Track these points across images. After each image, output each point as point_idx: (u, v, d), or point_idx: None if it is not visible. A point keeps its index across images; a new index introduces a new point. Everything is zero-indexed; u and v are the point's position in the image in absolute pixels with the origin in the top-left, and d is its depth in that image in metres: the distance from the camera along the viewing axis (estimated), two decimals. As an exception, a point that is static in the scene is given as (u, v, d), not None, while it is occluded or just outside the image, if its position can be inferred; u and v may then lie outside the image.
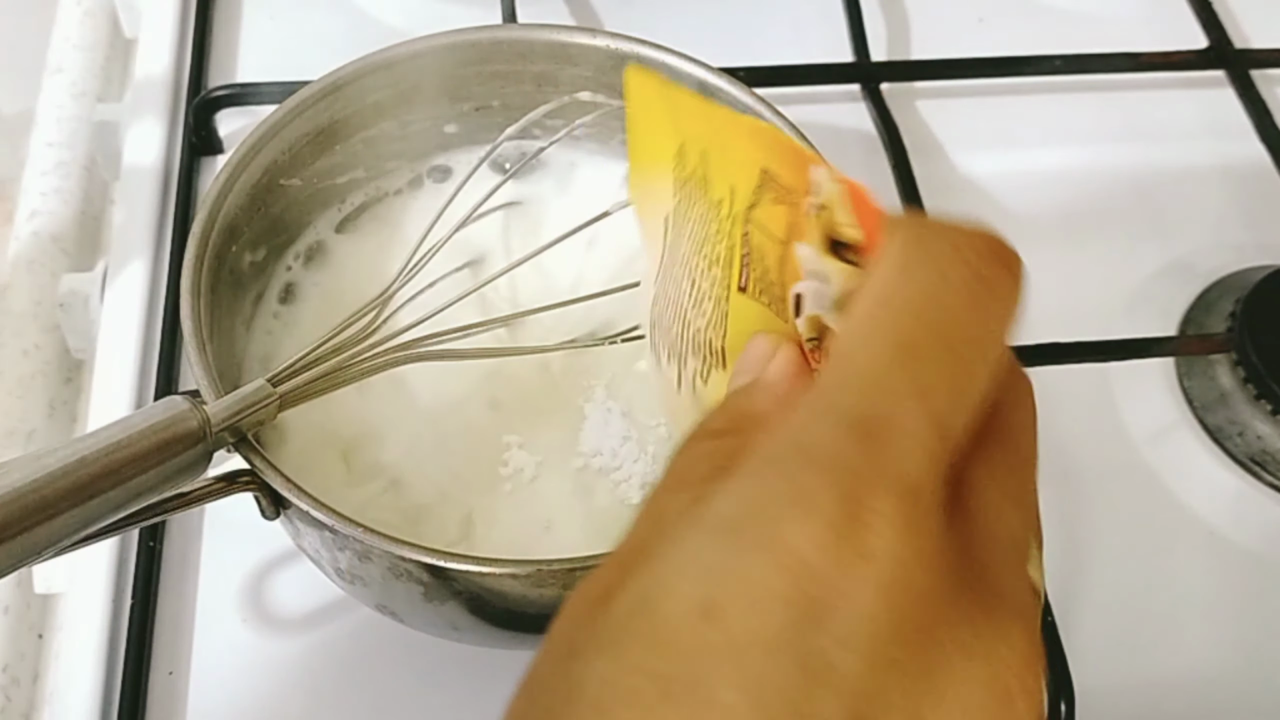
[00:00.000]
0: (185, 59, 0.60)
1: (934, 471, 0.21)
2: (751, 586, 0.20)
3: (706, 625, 0.20)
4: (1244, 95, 0.61)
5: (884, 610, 0.20)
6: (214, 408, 0.35)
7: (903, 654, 0.20)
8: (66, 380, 0.53)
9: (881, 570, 0.20)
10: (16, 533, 0.31)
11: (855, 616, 0.20)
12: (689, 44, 0.46)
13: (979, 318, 0.22)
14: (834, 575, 0.20)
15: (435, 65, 0.46)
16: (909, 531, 0.20)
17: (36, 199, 0.56)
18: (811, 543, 0.20)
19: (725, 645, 0.19)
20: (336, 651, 0.44)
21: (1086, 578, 0.48)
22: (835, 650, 0.19)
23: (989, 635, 0.21)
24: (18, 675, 0.46)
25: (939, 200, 0.56)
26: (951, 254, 0.23)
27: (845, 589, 0.20)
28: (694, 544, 0.21)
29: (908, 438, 0.21)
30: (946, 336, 0.22)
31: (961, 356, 0.22)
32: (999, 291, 0.23)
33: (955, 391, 0.22)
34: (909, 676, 0.20)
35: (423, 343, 0.40)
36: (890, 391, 0.21)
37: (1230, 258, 0.57)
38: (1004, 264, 0.23)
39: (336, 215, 0.48)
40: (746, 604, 0.20)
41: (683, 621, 0.20)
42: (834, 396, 0.22)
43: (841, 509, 0.20)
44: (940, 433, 0.21)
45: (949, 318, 0.22)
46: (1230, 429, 0.51)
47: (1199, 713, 0.46)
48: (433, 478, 0.43)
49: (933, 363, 0.22)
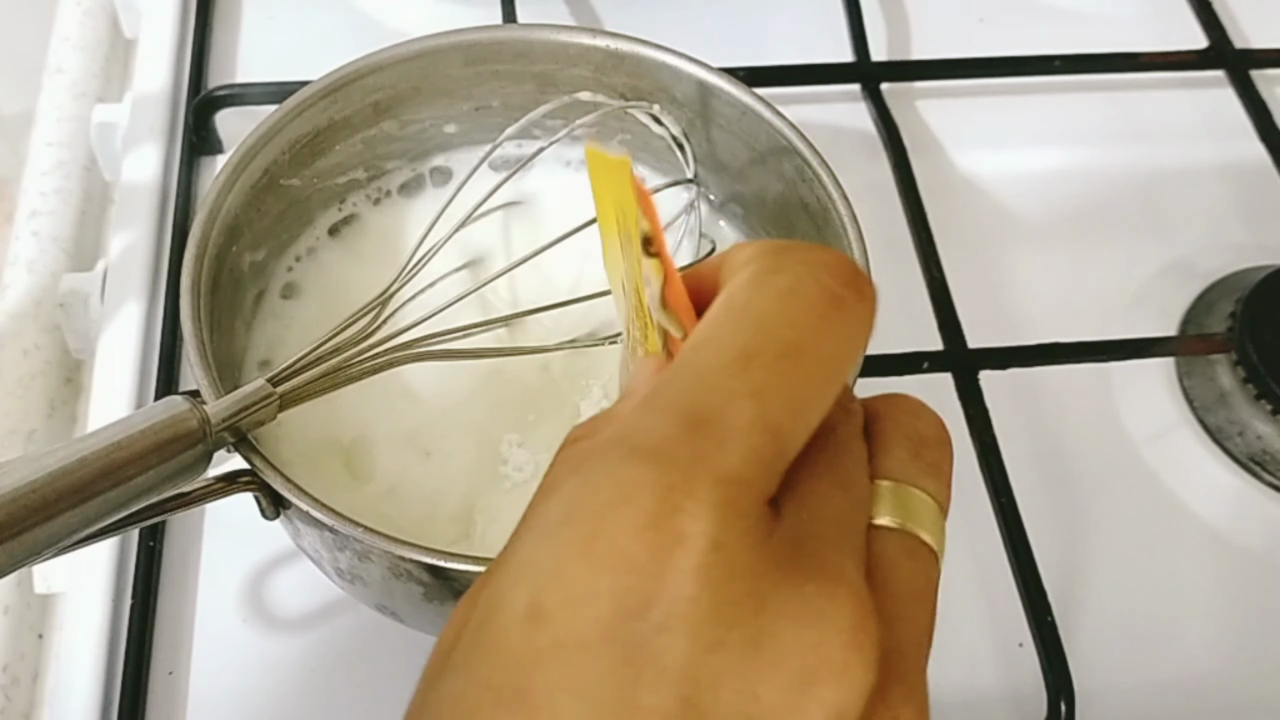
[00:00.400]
0: (185, 59, 0.60)
1: (760, 468, 0.21)
2: (572, 585, 0.20)
3: (534, 629, 0.20)
4: (1244, 95, 0.61)
5: (702, 591, 0.20)
6: (214, 408, 0.35)
7: (726, 633, 0.20)
8: (66, 380, 0.53)
9: (697, 553, 0.20)
10: (16, 533, 0.31)
11: (674, 601, 0.20)
12: (689, 44, 0.46)
13: (828, 333, 0.23)
14: (652, 564, 0.20)
15: (435, 65, 0.46)
16: (725, 515, 0.20)
17: (36, 199, 0.56)
18: (629, 535, 0.20)
19: (551, 647, 0.20)
20: (336, 651, 0.44)
21: (1086, 578, 0.48)
22: (657, 637, 0.20)
23: (817, 603, 0.21)
24: (18, 675, 0.46)
25: (939, 200, 0.56)
26: (805, 271, 0.23)
27: (663, 576, 0.20)
28: (525, 549, 0.21)
29: (734, 433, 0.21)
30: (791, 346, 0.22)
31: (803, 368, 0.22)
32: (850, 314, 0.23)
33: (793, 399, 0.22)
34: (735, 653, 0.20)
35: (423, 343, 0.40)
36: (723, 390, 0.22)
37: (1230, 258, 0.57)
38: (857, 288, 0.23)
39: (336, 215, 0.48)
40: (568, 603, 0.20)
41: (513, 628, 0.20)
42: (667, 393, 0.22)
43: (659, 499, 0.20)
44: (772, 434, 0.21)
45: (794, 329, 0.22)
46: (1230, 429, 0.51)
47: (1199, 713, 0.46)
48: (433, 477, 0.43)
49: (772, 369, 0.22)
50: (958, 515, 0.49)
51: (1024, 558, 0.45)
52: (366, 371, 0.39)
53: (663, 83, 0.46)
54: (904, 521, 0.24)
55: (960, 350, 0.51)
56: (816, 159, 0.43)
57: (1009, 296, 0.55)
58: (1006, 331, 0.53)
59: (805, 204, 0.44)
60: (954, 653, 0.46)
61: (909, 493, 0.25)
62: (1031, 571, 0.45)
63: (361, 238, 0.48)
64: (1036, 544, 0.46)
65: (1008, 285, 0.56)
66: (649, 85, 0.46)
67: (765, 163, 0.45)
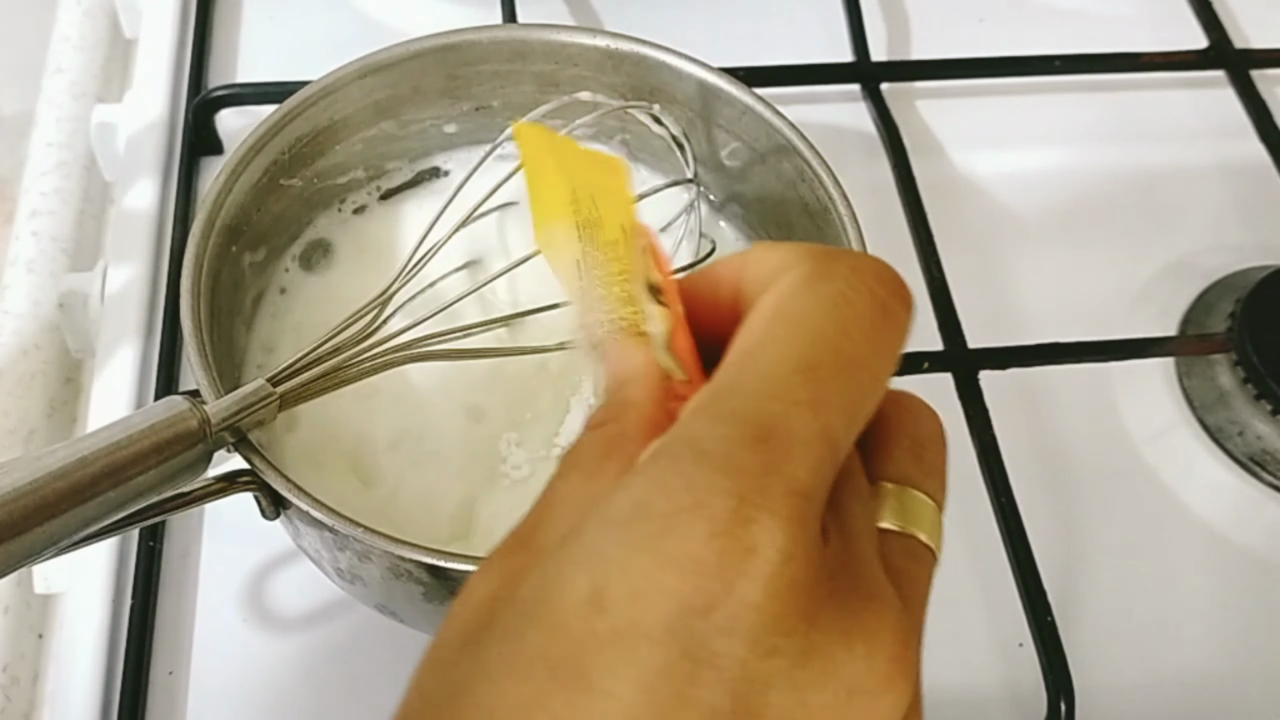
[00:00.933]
0: (185, 59, 0.60)
1: (821, 480, 0.22)
2: (639, 579, 0.21)
3: (595, 615, 0.21)
4: (1244, 95, 0.61)
5: (767, 601, 0.20)
6: (214, 408, 0.35)
7: (784, 641, 0.21)
8: (66, 380, 0.53)
9: (767, 564, 0.21)
10: (16, 533, 0.31)
11: (739, 606, 0.20)
12: (689, 44, 0.46)
13: (878, 344, 0.23)
14: (720, 569, 0.20)
15: (435, 65, 0.46)
16: (795, 530, 0.21)
17: (36, 199, 0.56)
18: (701, 539, 0.21)
19: (611, 634, 0.20)
20: (336, 651, 0.44)
21: (1086, 578, 0.48)
22: (718, 638, 0.20)
23: (866, 621, 0.22)
24: (18, 675, 0.46)
25: (939, 200, 0.56)
26: (854, 278, 0.23)
27: (730, 581, 0.20)
28: (590, 537, 0.22)
29: (801, 445, 0.22)
30: (846, 357, 0.23)
31: (856, 379, 0.23)
32: (895, 321, 0.24)
33: (848, 410, 0.23)
34: (790, 661, 0.21)
35: (423, 343, 0.40)
36: (788, 400, 0.22)
37: (1230, 258, 0.57)
38: (901, 296, 0.24)
39: (336, 215, 0.48)
40: (633, 596, 0.20)
41: (574, 610, 0.21)
42: (731, 401, 0.22)
43: (732, 507, 0.21)
44: (831, 446, 0.22)
45: (850, 340, 0.23)
46: (1230, 429, 0.51)
47: (1199, 713, 0.46)
48: (433, 477, 0.43)
49: (831, 381, 0.22)
50: (958, 515, 0.49)
51: (1024, 558, 0.45)
52: (366, 371, 0.39)
53: (663, 83, 0.46)
54: (905, 524, 0.25)
55: (960, 350, 0.51)
56: (816, 159, 0.43)
57: (1009, 296, 0.55)
58: (1006, 331, 0.53)
59: (805, 204, 0.44)
60: (954, 653, 0.46)
61: (910, 495, 0.25)
62: (1031, 571, 0.45)
63: (361, 238, 0.48)
64: (1036, 544, 0.46)
65: (1008, 285, 0.56)
66: (649, 85, 0.46)
67: (765, 163, 0.45)
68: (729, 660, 0.20)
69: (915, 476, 0.25)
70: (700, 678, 0.20)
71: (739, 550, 0.20)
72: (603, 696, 0.20)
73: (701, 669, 0.20)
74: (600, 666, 0.20)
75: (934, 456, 0.26)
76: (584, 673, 0.20)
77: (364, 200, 0.49)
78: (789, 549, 0.21)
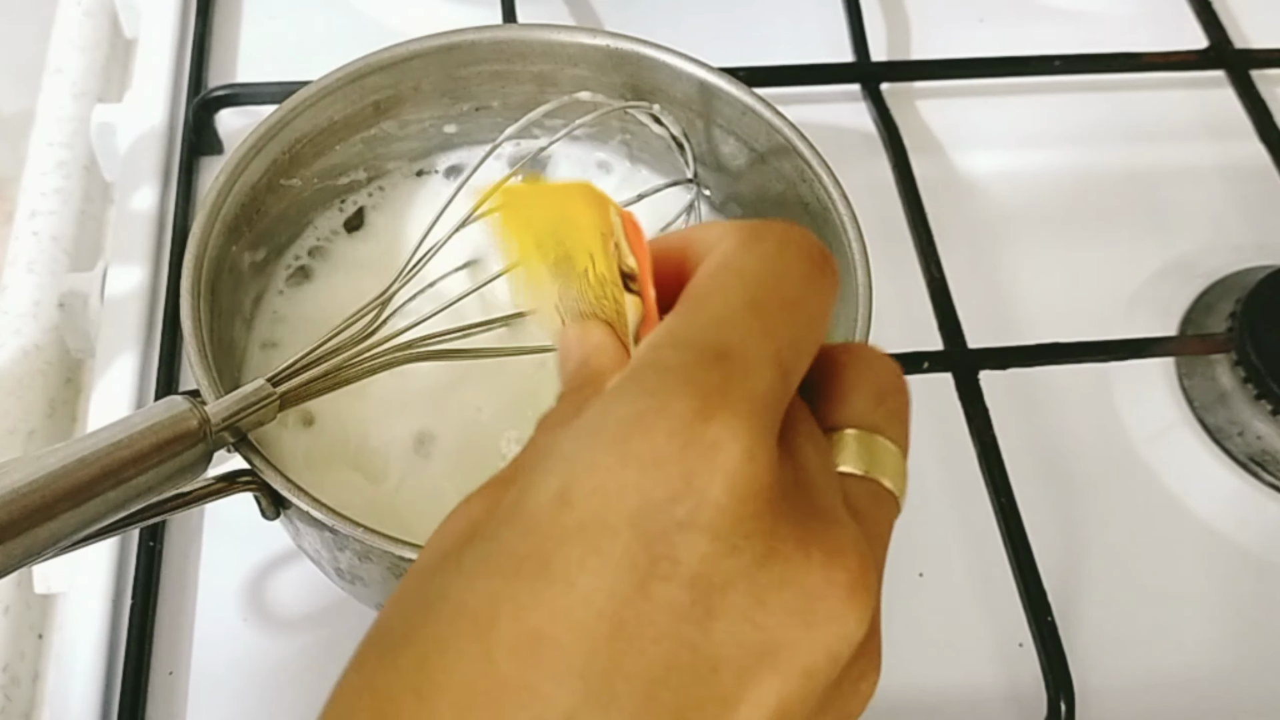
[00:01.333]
0: (185, 59, 0.60)
1: (776, 400, 0.23)
2: (603, 475, 0.21)
3: (561, 510, 0.21)
4: (1244, 95, 0.61)
5: (727, 499, 0.21)
6: (214, 408, 0.35)
7: (744, 542, 0.21)
8: (66, 380, 0.53)
9: (729, 459, 0.21)
10: (17, 533, 0.31)
11: (700, 502, 0.21)
12: (689, 44, 0.46)
13: (812, 289, 0.25)
14: (682, 464, 0.21)
15: (435, 65, 0.46)
16: (756, 430, 0.22)
17: (36, 199, 0.56)
18: (662, 436, 0.21)
19: (576, 528, 0.21)
20: (336, 651, 0.44)
21: (1086, 578, 0.48)
22: (678, 533, 0.21)
23: (825, 539, 0.22)
24: (18, 675, 0.46)
25: (939, 200, 0.56)
26: (785, 237, 0.25)
27: (692, 477, 0.21)
28: (562, 448, 0.22)
29: (757, 363, 0.23)
30: (787, 297, 0.24)
31: (798, 316, 0.24)
32: (824, 273, 0.25)
33: (795, 343, 0.24)
34: (748, 562, 0.21)
35: (423, 343, 0.40)
36: (740, 328, 0.23)
37: (1230, 258, 0.57)
38: (825, 256, 0.25)
39: (337, 215, 0.48)
40: (596, 491, 0.21)
41: (542, 508, 0.22)
42: (688, 331, 0.23)
43: (695, 407, 0.21)
44: (782, 370, 0.23)
45: (788, 283, 0.24)
46: (1230, 429, 0.51)
47: (1199, 713, 0.46)
48: (433, 477, 0.43)
49: (777, 315, 0.24)
50: (958, 515, 0.49)
51: (1024, 558, 0.45)
52: (366, 371, 0.39)
53: (663, 83, 0.46)
54: (868, 469, 0.25)
55: (960, 350, 0.51)
56: (816, 159, 0.43)
57: (1009, 296, 0.55)
58: (1006, 331, 0.53)
59: (805, 204, 0.44)
60: (954, 653, 0.46)
61: (873, 440, 0.26)
62: (1031, 571, 0.45)
63: (361, 238, 0.48)
64: (1036, 544, 0.46)
65: (1008, 285, 0.56)
66: (649, 85, 0.46)
67: (765, 163, 0.45)
68: (689, 554, 0.21)
69: (878, 422, 0.26)
70: (660, 570, 0.21)
71: (701, 445, 0.21)
72: (565, 586, 0.21)
73: (661, 562, 0.21)
74: (563, 558, 0.21)
75: (895, 403, 0.26)
76: (548, 564, 0.21)
77: (364, 200, 0.49)
78: (750, 448, 0.21)
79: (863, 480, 0.25)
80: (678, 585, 0.21)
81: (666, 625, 0.21)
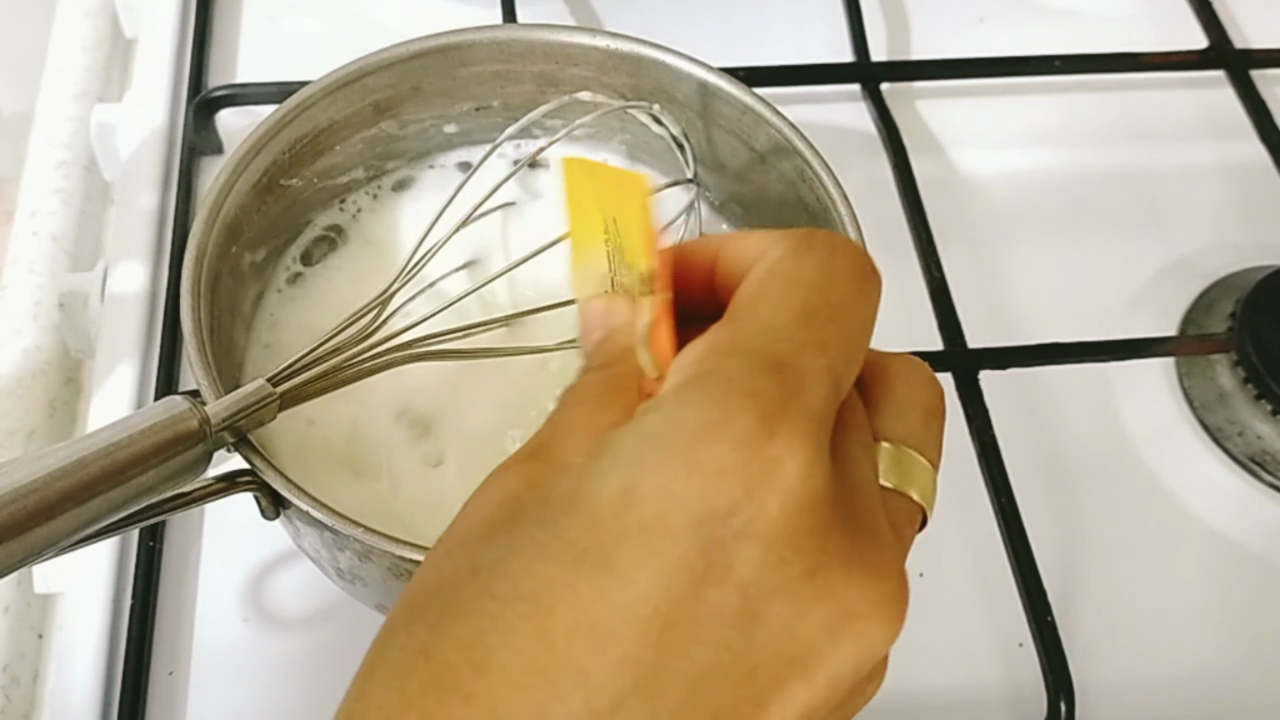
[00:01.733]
0: (185, 59, 0.60)
1: (830, 412, 0.24)
2: (669, 480, 0.22)
3: (625, 509, 0.22)
4: (1244, 95, 0.61)
5: (783, 514, 0.22)
6: (214, 408, 0.35)
7: (793, 555, 0.22)
8: (66, 380, 0.53)
9: (787, 477, 0.22)
10: (17, 533, 0.31)
11: (757, 515, 0.22)
12: (689, 44, 0.46)
13: (861, 297, 0.26)
14: (744, 476, 0.22)
15: (435, 65, 0.46)
16: (813, 449, 0.23)
17: (36, 199, 0.56)
18: (727, 449, 0.22)
19: (638, 527, 0.22)
20: (336, 651, 0.44)
21: (1086, 578, 0.48)
22: (735, 542, 0.22)
23: (868, 555, 0.23)
24: (18, 675, 0.46)
25: (939, 200, 0.56)
26: (833, 246, 0.26)
27: (752, 489, 0.22)
28: (625, 448, 0.23)
29: (811, 376, 0.24)
30: (837, 307, 0.25)
31: (848, 325, 0.25)
32: (871, 282, 0.26)
33: (845, 352, 0.25)
34: (794, 575, 0.22)
35: (423, 343, 0.40)
36: (795, 341, 0.24)
37: (1230, 258, 0.57)
38: (872, 265, 0.26)
39: (336, 215, 0.48)
40: (661, 495, 0.22)
41: (605, 505, 0.23)
42: (743, 340, 0.24)
43: (758, 425, 0.23)
44: (834, 381, 0.24)
45: (838, 292, 0.25)
46: (1230, 429, 0.51)
47: (1199, 713, 0.46)
48: (434, 477, 0.43)
49: (828, 325, 0.25)
50: (958, 515, 0.49)
51: (1024, 558, 0.45)
52: (366, 371, 0.39)
53: (663, 83, 0.46)
54: (900, 483, 0.26)
55: (960, 350, 0.51)
56: (816, 159, 0.43)
57: (1009, 296, 0.55)
58: (1006, 331, 0.53)
59: (805, 204, 0.44)
60: (954, 653, 0.46)
61: (909, 456, 0.27)
62: (1031, 571, 0.45)
63: (361, 239, 0.48)
64: (1036, 544, 0.46)
65: (1008, 285, 0.56)
66: (649, 85, 0.46)
67: (765, 163, 0.45)
68: (742, 563, 0.22)
69: (922, 443, 0.27)
70: (713, 576, 0.22)
71: (763, 460, 0.22)
72: (624, 582, 0.22)
73: (715, 568, 0.22)
74: (624, 555, 0.22)
75: (939, 425, 0.28)
76: (609, 559, 0.22)
77: (364, 201, 0.49)
78: (808, 467, 0.22)
79: (896, 494, 0.26)
80: (729, 591, 0.22)
81: (714, 627, 0.22)
